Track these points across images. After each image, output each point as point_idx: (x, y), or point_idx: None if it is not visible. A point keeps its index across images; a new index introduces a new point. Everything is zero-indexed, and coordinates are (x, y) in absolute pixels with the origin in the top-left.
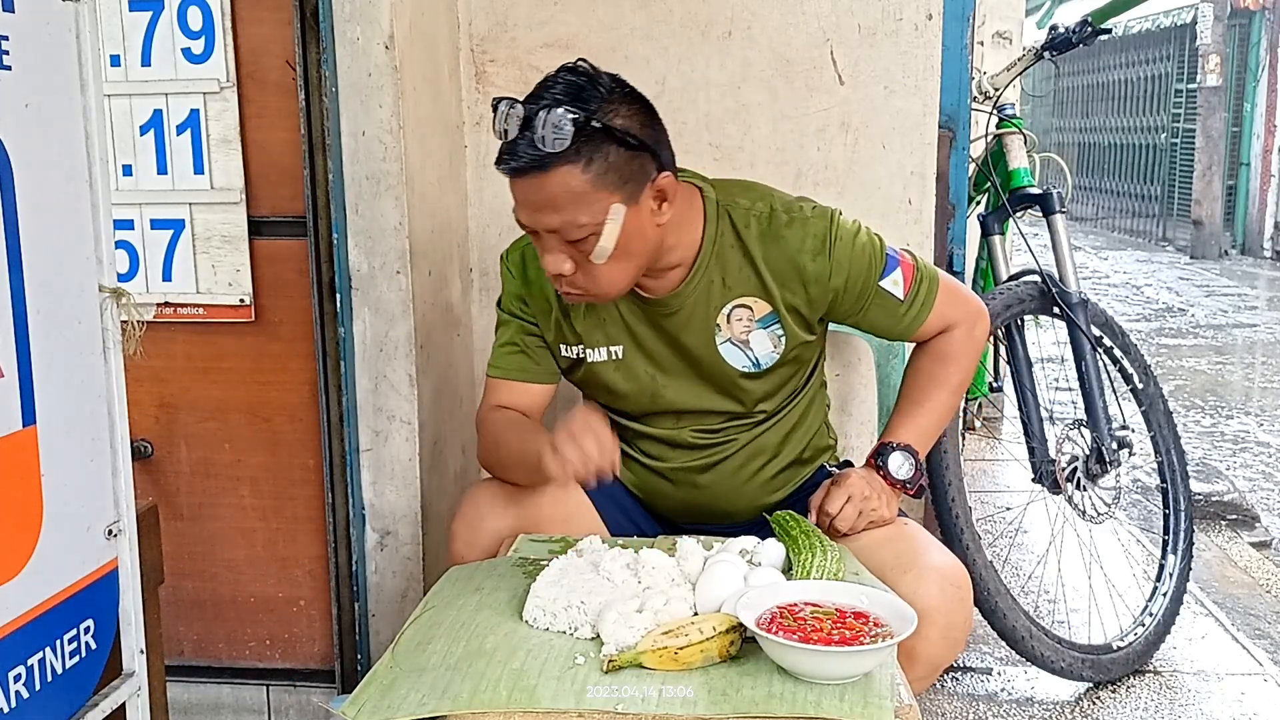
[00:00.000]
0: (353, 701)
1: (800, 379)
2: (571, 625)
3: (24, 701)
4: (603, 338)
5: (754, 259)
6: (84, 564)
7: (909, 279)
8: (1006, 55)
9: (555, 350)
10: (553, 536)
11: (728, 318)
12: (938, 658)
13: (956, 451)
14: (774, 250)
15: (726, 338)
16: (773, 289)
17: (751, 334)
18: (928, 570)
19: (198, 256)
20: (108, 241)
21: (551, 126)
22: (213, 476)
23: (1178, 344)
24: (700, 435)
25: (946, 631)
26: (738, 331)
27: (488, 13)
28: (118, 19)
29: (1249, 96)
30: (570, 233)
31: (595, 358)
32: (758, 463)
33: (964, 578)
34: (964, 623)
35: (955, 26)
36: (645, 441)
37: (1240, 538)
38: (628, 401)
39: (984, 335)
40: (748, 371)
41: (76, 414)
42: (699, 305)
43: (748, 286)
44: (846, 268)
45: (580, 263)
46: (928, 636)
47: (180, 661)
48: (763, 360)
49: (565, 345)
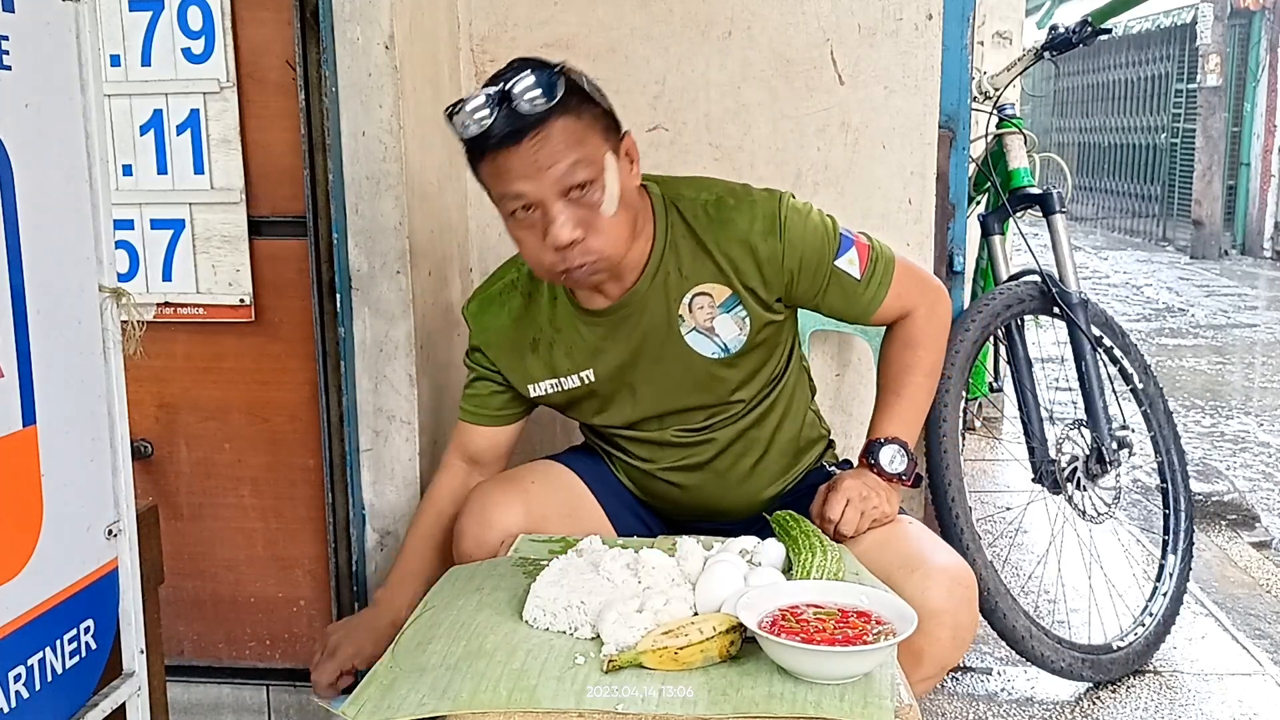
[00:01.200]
0: (353, 701)
1: (776, 365)
2: (571, 625)
3: (24, 701)
4: (570, 365)
5: (707, 246)
6: (84, 564)
7: (864, 258)
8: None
9: (523, 391)
10: (553, 536)
11: (689, 307)
12: (945, 658)
13: (956, 451)
14: (725, 234)
15: (691, 327)
16: (729, 273)
17: (715, 320)
18: (934, 571)
19: (198, 256)
20: (108, 241)
21: (538, 87)
22: (213, 476)
23: (1178, 344)
24: (684, 434)
25: (955, 632)
26: (701, 320)
27: (488, 13)
28: (118, 19)
29: (1249, 96)
30: (577, 181)
31: (569, 385)
32: (749, 459)
33: (970, 577)
34: (971, 623)
35: (955, 26)
36: (634, 445)
37: (1240, 538)
38: (609, 416)
39: (946, 314)
40: (718, 358)
41: (76, 414)
42: (659, 299)
43: (704, 274)
44: (800, 247)
45: (590, 222)
46: (937, 638)
47: (180, 661)
48: (731, 345)
49: (534, 384)
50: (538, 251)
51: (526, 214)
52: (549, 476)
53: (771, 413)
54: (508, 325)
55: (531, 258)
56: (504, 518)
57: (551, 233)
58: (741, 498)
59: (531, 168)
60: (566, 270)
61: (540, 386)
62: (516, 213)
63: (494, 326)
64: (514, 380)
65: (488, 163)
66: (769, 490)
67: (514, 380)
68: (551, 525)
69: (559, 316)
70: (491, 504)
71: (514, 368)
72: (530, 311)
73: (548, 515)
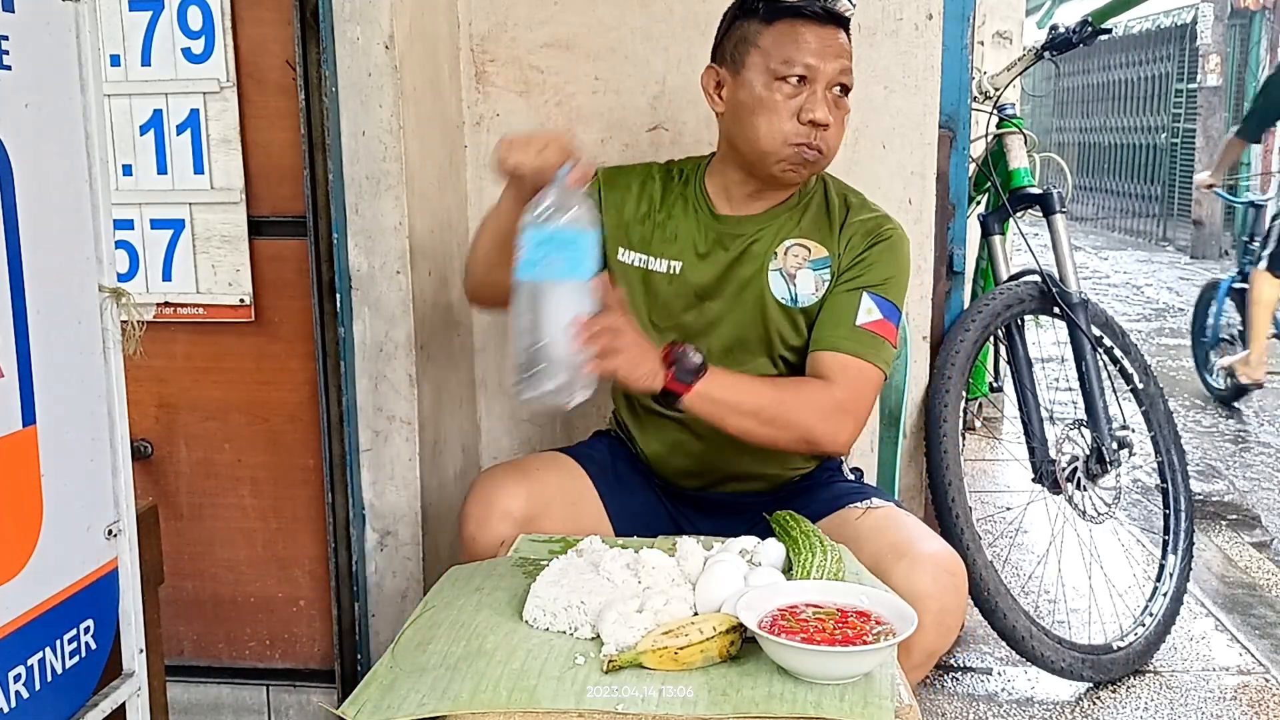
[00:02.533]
0: (353, 701)
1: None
2: (571, 625)
3: (24, 701)
4: (666, 250)
5: (831, 217)
6: (84, 564)
7: (879, 328)
8: (1006, 55)
9: (612, 251)
10: (553, 536)
11: (786, 250)
12: (932, 645)
13: (956, 451)
14: (848, 218)
15: (778, 267)
16: (838, 244)
17: (800, 271)
18: (921, 557)
19: (198, 256)
20: (108, 241)
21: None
22: (213, 476)
23: (1178, 344)
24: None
25: (940, 618)
26: (789, 264)
27: (488, 13)
28: (118, 19)
29: (1249, 96)
30: (846, 82)
31: (654, 267)
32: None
33: (957, 564)
34: (957, 609)
35: (955, 26)
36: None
37: (1240, 538)
38: (667, 311)
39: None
40: (784, 303)
41: (76, 414)
42: (771, 232)
43: (815, 234)
44: (866, 255)
45: (836, 119)
46: (921, 624)
47: (180, 661)
48: (802, 299)
49: (626, 250)
50: (784, 120)
51: (795, 86)
52: (554, 465)
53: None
54: (634, 187)
55: (773, 124)
56: (506, 499)
57: (815, 110)
58: (756, 462)
59: (827, 50)
60: (801, 145)
61: (630, 255)
62: (786, 80)
63: (621, 183)
64: (611, 233)
65: (785, 26)
66: (783, 467)
67: (611, 233)
68: (554, 511)
69: (682, 204)
70: (495, 486)
71: (618, 223)
72: (657, 189)
73: (550, 502)
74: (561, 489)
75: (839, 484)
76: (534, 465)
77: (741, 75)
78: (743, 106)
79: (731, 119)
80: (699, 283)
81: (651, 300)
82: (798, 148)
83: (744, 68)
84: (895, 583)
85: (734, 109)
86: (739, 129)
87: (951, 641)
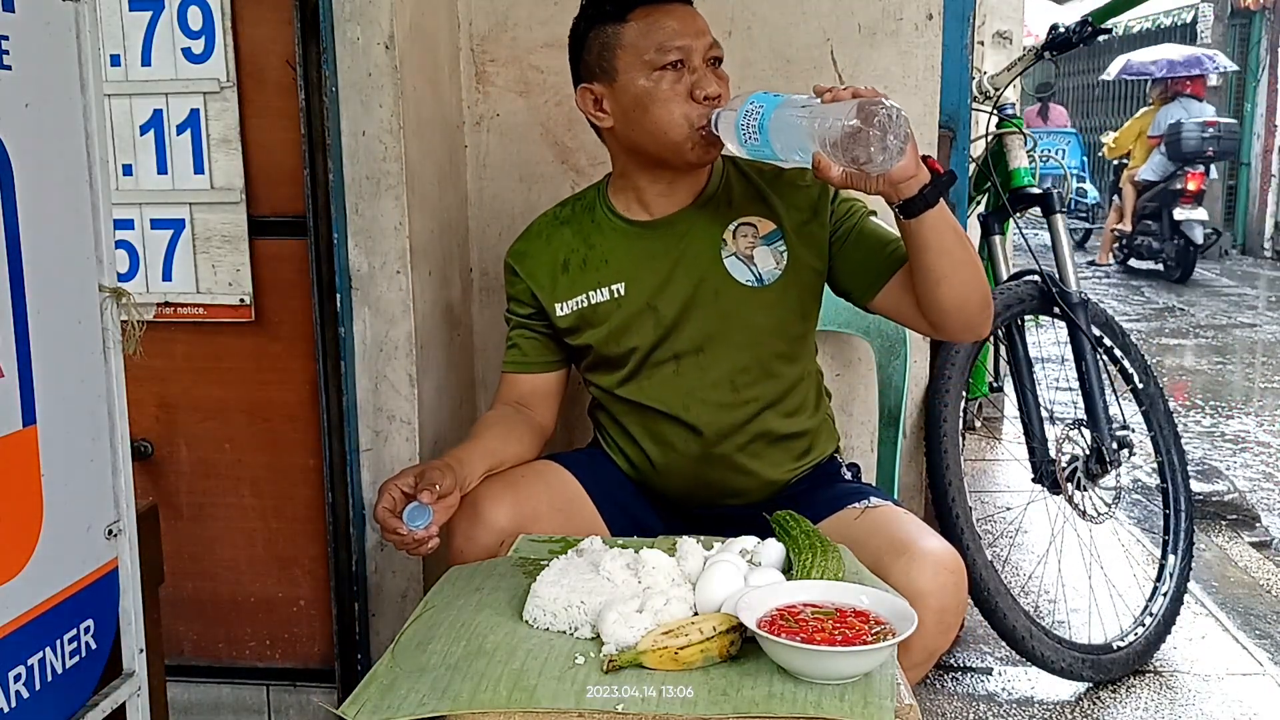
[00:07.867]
0: (353, 701)
1: (797, 331)
2: (571, 625)
3: (24, 701)
4: (603, 279)
5: (760, 188)
6: (84, 564)
7: None
8: (1006, 55)
9: (551, 313)
10: (553, 537)
11: (733, 233)
12: (932, 644)
13: (956, 451)
14: (779, 179)
15: (731, 252)
16: (779, 210)
17: (755, 249)
18: (921, 555)
19: (198, 256)
20: (108, 241)
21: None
22: (213, 476)
23: (1178, 344)
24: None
25: (940, 616)
26: (742, 247)
27: (488, 13)
28: (118, 19)
29: (1249, 96)
30: (718, 54)
31: (597, 299)
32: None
33: (957, 562)
34: (957, 608)
35: (955, 26)
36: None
37: (1240, 538)
38: (629, 339)
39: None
40: (749, 285)
41: (76, 414)
42: (706, 222)
43: (754, 208)
44: (824, 208)
45: (725, 92)
46: (921, 621)
47: (180, 661)
48: (765, 276)
49: (561, 303)
50: (680, 105)
51: (676, 70)
52: (540, 473)
53: (783, 379)
54: (542, 249)
55: (674, 116)
56: (492, 511)
57: (707, 86)
58: (745, 475)
59: (692, 29)
60: (705, 125)
61: (568, 305)
62: (666, 69)
63: (529, 253)
64: (545, 303)
65: (642, 18)
66: (773, 473)
67: (545, 303)
68: (543, 520)
69: (597, 232)
70: (480, 498)
71: (544, 288)
72: (565, 235)
73: (538, 510)
74: (550, 497)
75: (838, 485)
76: (519, 474)
77: (618, 81)
78: (633, 108)
79: (625, 125)
80: (647, 295)
81: (606, 330)
82: (703, 128)
83: (617, 73)
84: (895, 581)
85: (624, 115)
86: (638, 131)
87: (951, 640)
